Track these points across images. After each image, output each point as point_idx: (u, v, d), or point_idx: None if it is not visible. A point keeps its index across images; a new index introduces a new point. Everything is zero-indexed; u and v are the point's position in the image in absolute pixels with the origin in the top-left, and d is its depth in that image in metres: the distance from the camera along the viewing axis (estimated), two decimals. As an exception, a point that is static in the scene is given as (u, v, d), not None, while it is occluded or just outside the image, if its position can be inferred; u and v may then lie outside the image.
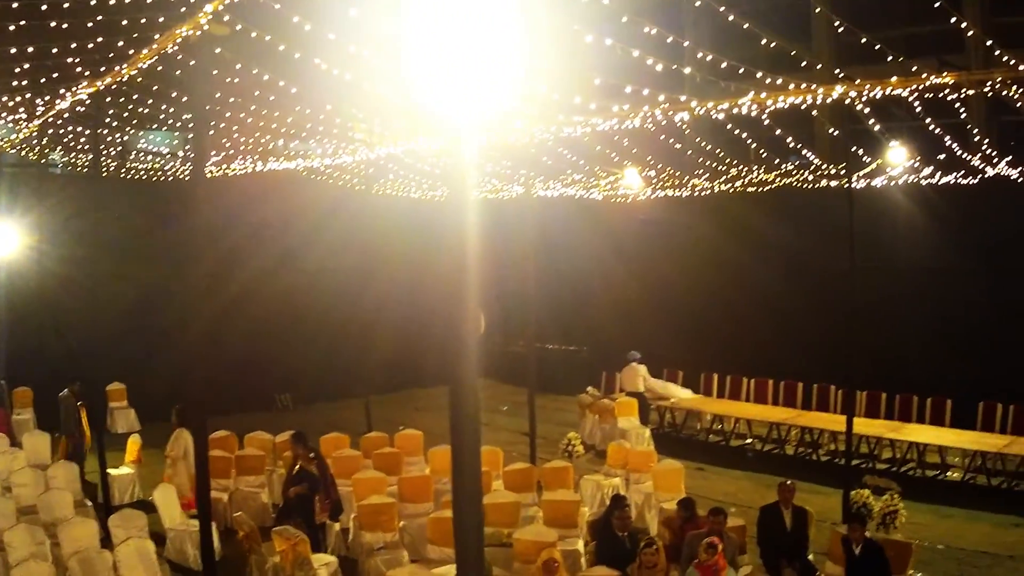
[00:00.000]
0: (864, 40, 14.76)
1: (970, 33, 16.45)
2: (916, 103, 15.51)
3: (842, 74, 15.23)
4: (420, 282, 24.34)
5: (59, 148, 24.75)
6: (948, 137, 18.80)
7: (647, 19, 13.20)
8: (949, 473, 20.69)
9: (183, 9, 11.54)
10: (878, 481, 19.29)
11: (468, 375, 5.48)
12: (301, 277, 27.02)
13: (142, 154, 26.10)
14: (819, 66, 18.73)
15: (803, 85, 14.84)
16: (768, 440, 23.06)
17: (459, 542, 5.41)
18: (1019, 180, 20.87)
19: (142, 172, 26.20)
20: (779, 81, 15.14)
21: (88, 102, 16.81)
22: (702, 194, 26.11)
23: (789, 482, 14.13)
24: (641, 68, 14.31)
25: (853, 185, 21.69)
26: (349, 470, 17.62)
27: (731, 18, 13.90)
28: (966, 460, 20.63)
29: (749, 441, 23.53)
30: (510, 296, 26.31)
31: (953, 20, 14.09)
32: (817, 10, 17.45)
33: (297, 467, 15.30)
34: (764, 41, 14.85)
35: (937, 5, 13.27)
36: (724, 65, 15.76)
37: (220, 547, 15.52)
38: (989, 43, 14.37)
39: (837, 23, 15.87)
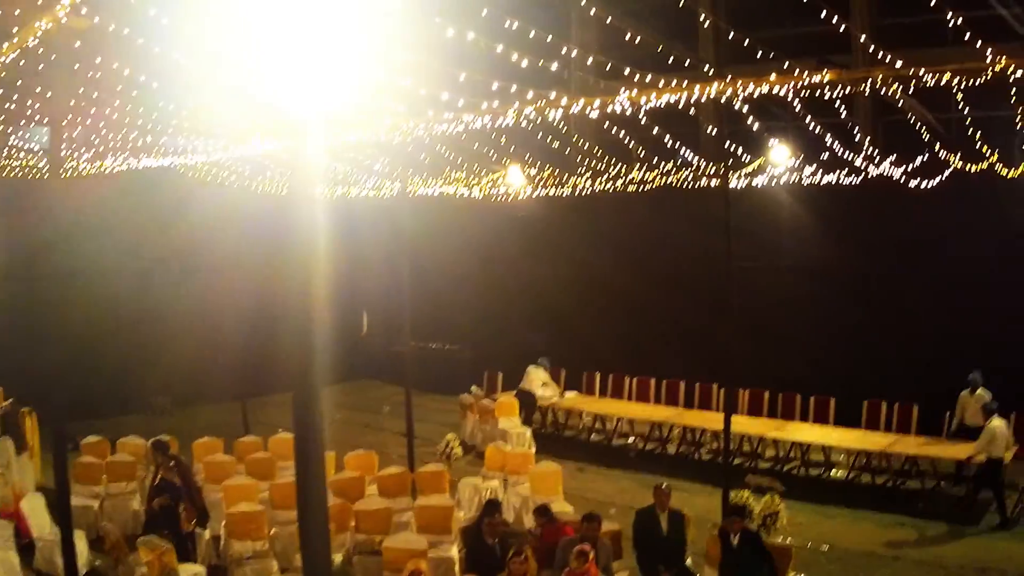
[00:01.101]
0: (747, 40, 14.90)
1: (864, 36, 16.63)
2: (796, 103, 15.66)
3: (715, 72, 15.36)
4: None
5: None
6: (830, 137, 19.04)
7: (527, 17, 13.15)
8: (833, 472, 20.97)
9: (40, 1, 11.25)
10: (760, 480, 19.44)
11: (313, 381, 5.37)
12: (175, 276, 26.63)
13: (16, 151, 25.47)
14: (708, 68, 18.86)
15: (684, 83, 14.92)
16: (650, 439, 23.15)
17: (305, 552, 5.34)
18: (902, 180, 21.21)
19: (16, 170, 25.54)
20: (661, 82, 15.21)
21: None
22: (583, 193, 26.16)
23: (664, 485, 13.97)
24: (528, 65, 14.34)
25: (735, 185, 22.01)
26: (221, 476, 17.37)
27: (608, 20, 13.94)
28: (850, 459, 20.89)
29: (631, 440, 23.57)
30: (394, 295, 26.24)
31: (837, 21, 14.28)
32: (703, 17, 17.58)
33: (159, 477, 15.08)
34: (639, 39, 14.89)
35: (824, 6, 13.49)
36: (609, 67, 15.84)
37: (91, 556, 15.25)
38: (873, 44, 14.53)
39: (721, 23, 16.02)
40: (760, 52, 15.61)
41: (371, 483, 17.29)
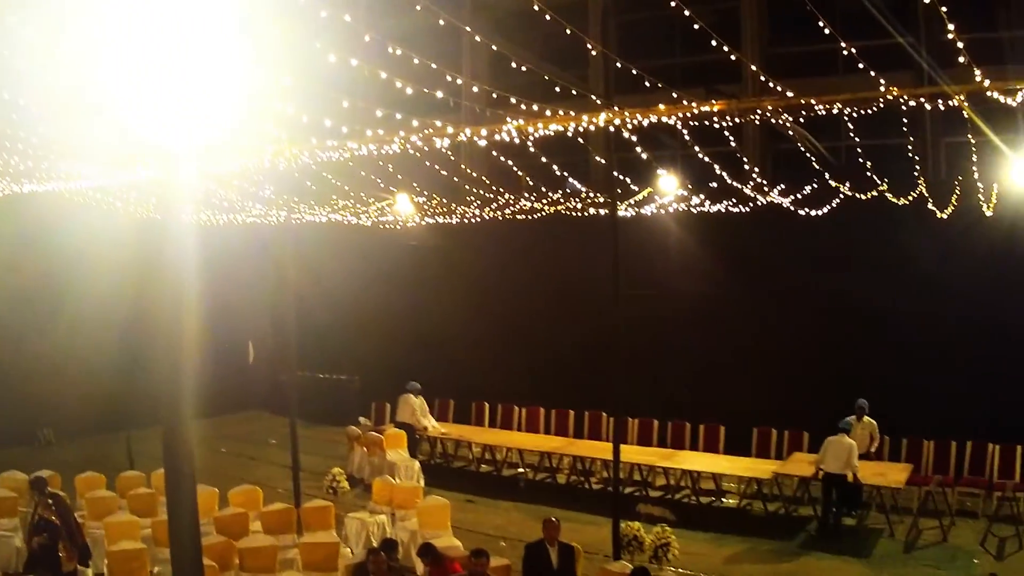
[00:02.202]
0: (637, 70, 15.04)
1: (754, 66, 16.87)
2: (686, 132, 15.86)
3: (604, 102, 15.49)
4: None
5: None
6: (720, 165, 19.28)
7: (418, 44, 13.20)
8: (725, 500, 21.14)
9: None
10: (652, 510, 19.58)
11: (182, 413, 5.30)
12: (55, 303, 26.15)
13: None
14: (597, 98, 19.03)
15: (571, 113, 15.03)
16: (540, 470, 23.19)
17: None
18: (791, 208, 21.55)
19: None
20: (548, 111, 15.32)
21: None
22: (471, 221, 26.22)
23: (554, 518, 13.85)
24: (421, 93, 14.37)
25: (624, 213, 22.17)
26: (103, 512, 16.93)
27: (498, 49, 14.04)
28: (742, 486, 21.16)
29: (521, 471, 23.54)
30: (281, 324, 26.04)
31: (728, 50, 14.48)
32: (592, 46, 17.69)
33: (37, 515, 14.79)
34: (530, 68, 15.00)
35: (714, 37, 13.68)
36: (496, 96, 15.95)
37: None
38: (763, 74, 14.76)
39: (610, 53, 16.13)
40: (650, 82, 15.78)
41: (255, 519, 16.92)
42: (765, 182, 20.96)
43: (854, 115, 14.90)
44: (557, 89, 16.63)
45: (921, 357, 21.78)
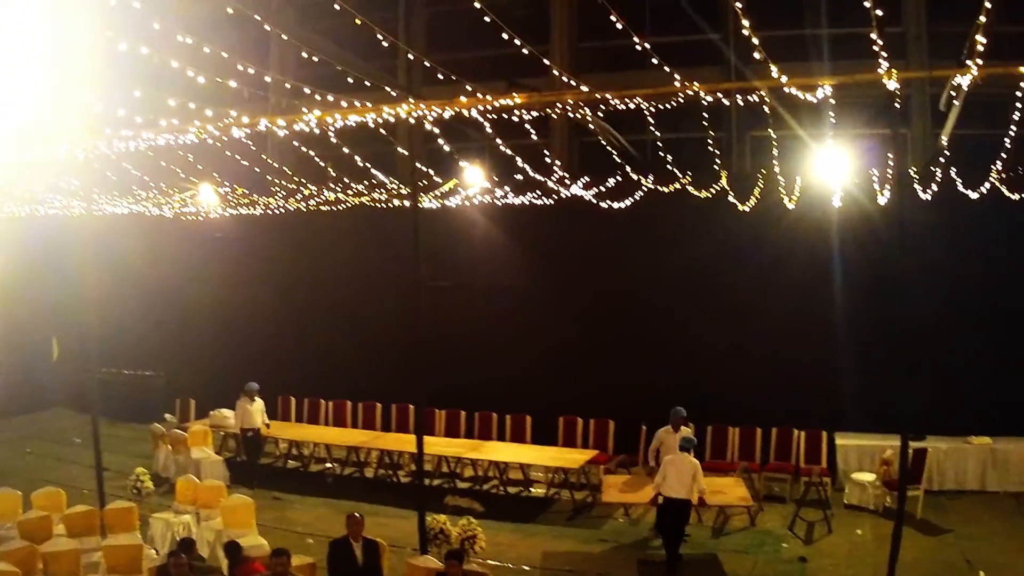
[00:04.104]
0: (443, 63, 15.16)
1: (561, 60, 17.05)
2: (488, 125, 16.02)
3: (410, 94, 15.58)
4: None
5: None
6: (525, 158, 19.52)
7: (229, 37, 13.15)
8: (532, 490, 21.47)
9: None
10: (459, 502, 19.73)
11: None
12: None
13: None
14: (396, 92, 19.06)
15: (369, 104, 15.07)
16: (348, 464, 23.22)
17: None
18: (595, 201, 21.92)
19: None
20: (355, 102, 15.34)
21: None
22: (276, 212, 26.07)
23: (357, 514, 13.88)
24: (234, 86, 14.29)
25: (429, 205, 22.33)
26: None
27: (285, 37, 13.99)
28: (549, 476, 21.51)
29: (328, 466, 23.52)
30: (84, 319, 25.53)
31: (536, 45, 14.68)
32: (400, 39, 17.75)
33: None
34: (341, 60, 15.01)
35: (523, 30, 13.86)
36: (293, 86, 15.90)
37: None
38: (569, 68, 15.01)
39: (408, 48, 16.23)
40: (452, 73, 15.90)
41: (59, 522, 16.50)
42: (568, 175, 21.27)
43: (659, 109, 15.27)
44: (367, 83, 16.67)
45: (725, 346, 22.50)
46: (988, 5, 12.50)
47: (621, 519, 19.40)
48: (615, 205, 22.15)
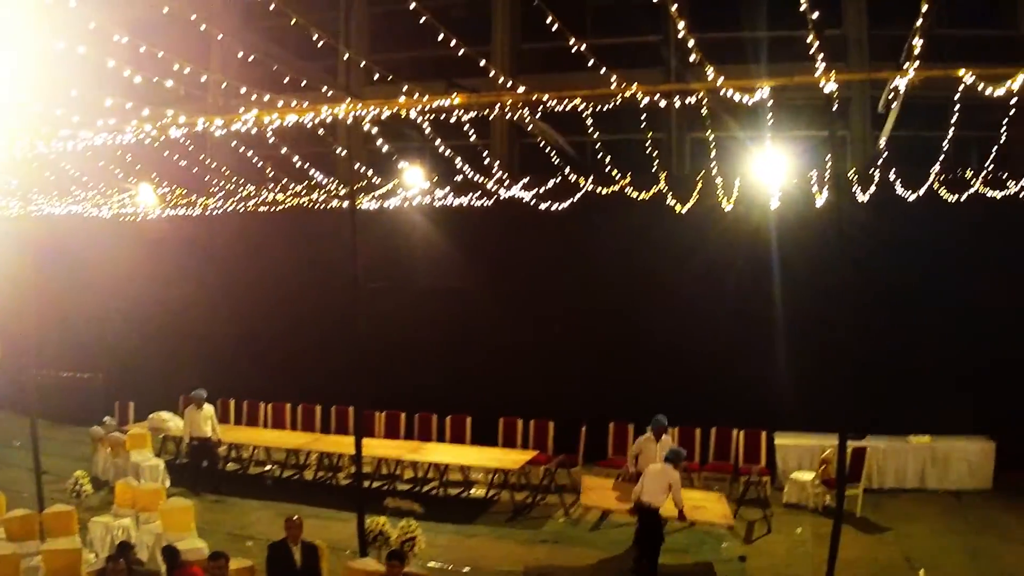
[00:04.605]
0: (383, 63, 15.21)
1: (501, 60, 17.08)
2: (427, 126, 16.08)
3: (349, 94, 15.59)
4: None
5: None
6: (466, 159, 19.60)
7: (170, 36, 13.14)
8: (473, 491, 21.52)
9: None
10: (400, 504, 19.73)
11: None
12: None
13: None
14: (332, 92, 19.07)
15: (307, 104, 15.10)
16: (287, 466, 23.20)
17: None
18: (534, 202, 22.04)
19: None
20: (293, 102, 15.36)
21: None
22: (214, 213, 26.01)
23: (296, 517, 13.87)
24: (172, 85, 14.29)
25: (368, 206, 22.35)
26: None
27: (221, 37, 14.00)
28: (489, 477, 21.56)
29: (268, 468, 23.48)
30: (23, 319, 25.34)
31: (475, 45, 14.76)
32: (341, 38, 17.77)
33: None
34: (280, 59, 15.03)
35: (465, 30, 13.93)
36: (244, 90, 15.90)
37: None
38: (509, 69, 15.08)
39: (350, 48, 16.25)
40: (398, 74, 15.95)
41: (-1, 527, 16.48)
42: (507, 176, 21.38)
43: (599, 111, 15.36)
44: (306, 83, 16.69)
45: (665, 347, 22.73)
46: (924, 8, 12.64)
47: (561, 519, 19.52)
48: (555, 206, 22.29)
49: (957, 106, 15.15)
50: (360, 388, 16.84)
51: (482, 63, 15.14)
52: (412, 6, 13.34)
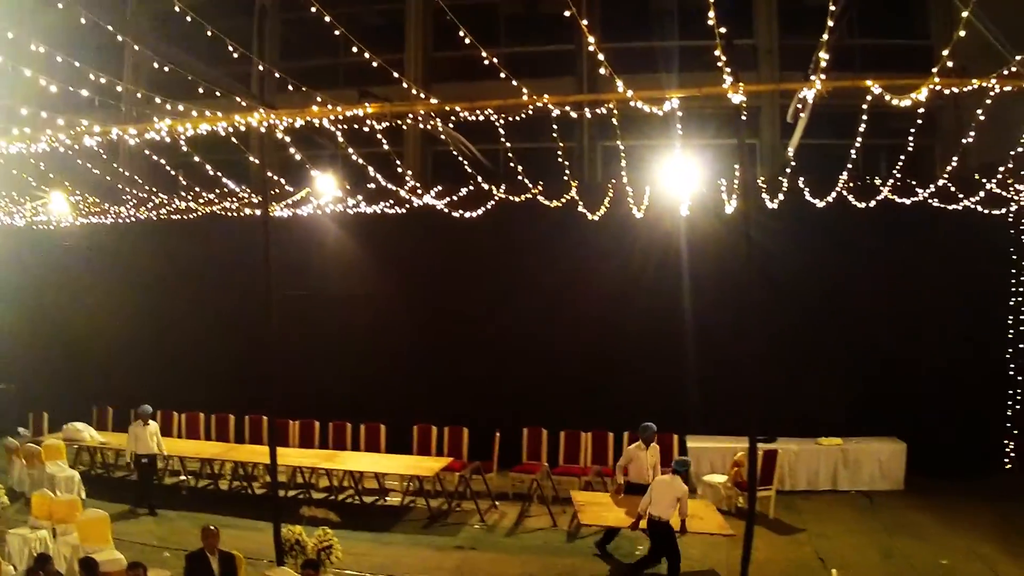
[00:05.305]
0: (298, 72, 15.34)
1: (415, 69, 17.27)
2: (339, 134, 16.21)
3: (262, 103, 15.74)
4: None
5: None
6: (379, 167, 19.73)
7: (82, 43, 13.19)
8: (388, 498, 21.69)
9: None
10: (315, 512, 19.79)
11: None
12: None
13: None
14: (245, 102, 19.17)
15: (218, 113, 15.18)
16: (202, 476, 23.15)
17: None
18: (447, 210, 22.24)
19: None
20: (207, 112, 15.46)
21: None
22: (127, 221, 25.93)
23: (212, 527, 14.01)
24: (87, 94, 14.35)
25: (280, 214, 22.43)
26: None
27: (137, 48, 14.09)
28: (405, 484, 21.78)
29: (183, 479, 23.44)
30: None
31: (390, 54, 14.94)
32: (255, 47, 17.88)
33: None
34: (195, 68, 15.13)
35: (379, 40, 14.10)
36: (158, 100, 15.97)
37: None
38: (422, 78, 15.26)
39: (261, 58, 16.37)
40: (312, 83, 16.07)
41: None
42: (420, 185, 21.57)
43: (511, 120, 15.57)
44: (218, 93, 16.80)
45: (577, 353, 23.22)
46: (831, 24, 12.99)
47: (477, 525, 19.75)
48: (468, 214, 22.51)
49: (865, 115, 15.47)
50: (274, 397, 16.84)
51: (396, 75, 15.37)
52: (327, 17, 13.53)
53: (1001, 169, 17.93)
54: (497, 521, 20.00)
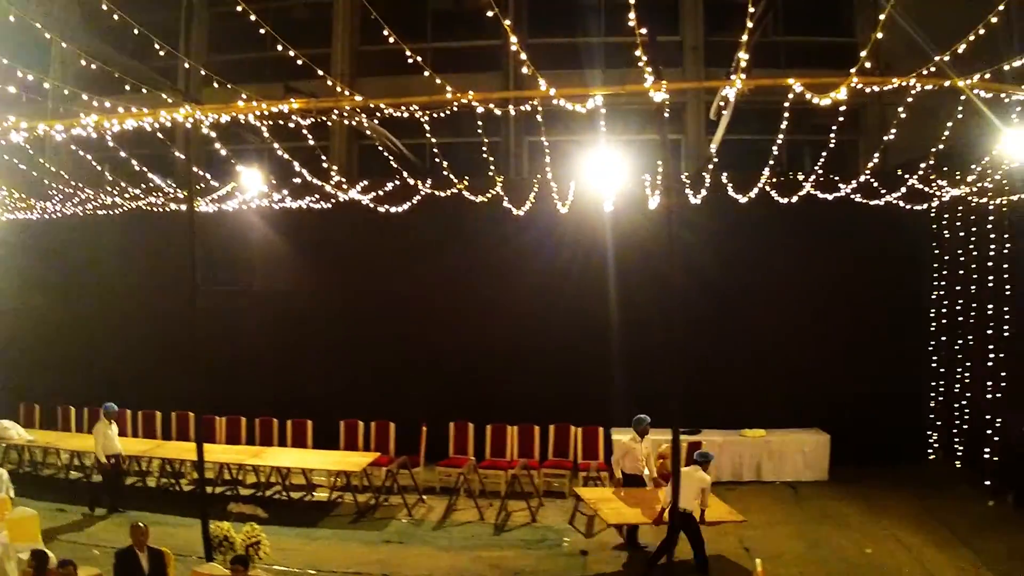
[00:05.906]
0: (221, 65, 15.40)
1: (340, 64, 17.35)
2: (265, 128, 16.27)
3: (188, 98, 15.79)
4: None
5: None
6: (304, 162, 19.81)
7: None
8: (315, 494, 21.74)
9: None
10: (243, 508, 19.82)
11: None
12: None
13: None
14: (169, 97, 19.15)
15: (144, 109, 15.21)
16: (130, 473, 22.90)
17: None
18: (372, 205, 22.34)
19: None
20: (132, 107, 15.49)
21: None
22: (53, 216, 25.78)
23: (141, 524, 13.98)
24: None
25: (206, 209, 22.44)
26: None
27: (63, 44, 14.12)
28: (332, 479, 21.86)
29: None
30: None
31: (315, 48, 15.05)
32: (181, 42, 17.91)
33: None
34: (122, 64, 15.16)
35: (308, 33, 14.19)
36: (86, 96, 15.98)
37: None
38: (348, 73, 15.36)
39: (202, 46, 16.41)
40: (238, 77, 16.13)
41: None
42: (345, 179, 21.65)
43: (436, 116, 15.72)
44: (144, 89, 16.83)
45: (503, 347, 23.45)
46: (750, 26, 13.21)
47: (404, 519, 19.92)
48: (393, 209, 22.62)
49: (787, 112, 15.70)
50: (200, 393, 16.97)
51: (320, 73, 15.49)
52: (252, 16, 13.64)
53: (923, 165, 18.26)
54: (424, 515, 20.16)
